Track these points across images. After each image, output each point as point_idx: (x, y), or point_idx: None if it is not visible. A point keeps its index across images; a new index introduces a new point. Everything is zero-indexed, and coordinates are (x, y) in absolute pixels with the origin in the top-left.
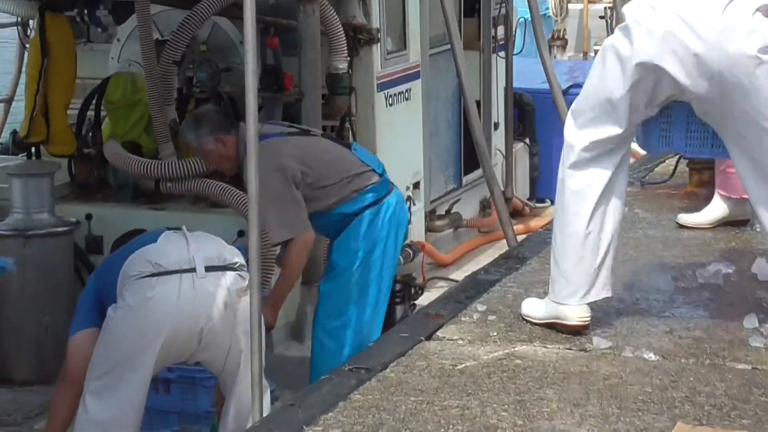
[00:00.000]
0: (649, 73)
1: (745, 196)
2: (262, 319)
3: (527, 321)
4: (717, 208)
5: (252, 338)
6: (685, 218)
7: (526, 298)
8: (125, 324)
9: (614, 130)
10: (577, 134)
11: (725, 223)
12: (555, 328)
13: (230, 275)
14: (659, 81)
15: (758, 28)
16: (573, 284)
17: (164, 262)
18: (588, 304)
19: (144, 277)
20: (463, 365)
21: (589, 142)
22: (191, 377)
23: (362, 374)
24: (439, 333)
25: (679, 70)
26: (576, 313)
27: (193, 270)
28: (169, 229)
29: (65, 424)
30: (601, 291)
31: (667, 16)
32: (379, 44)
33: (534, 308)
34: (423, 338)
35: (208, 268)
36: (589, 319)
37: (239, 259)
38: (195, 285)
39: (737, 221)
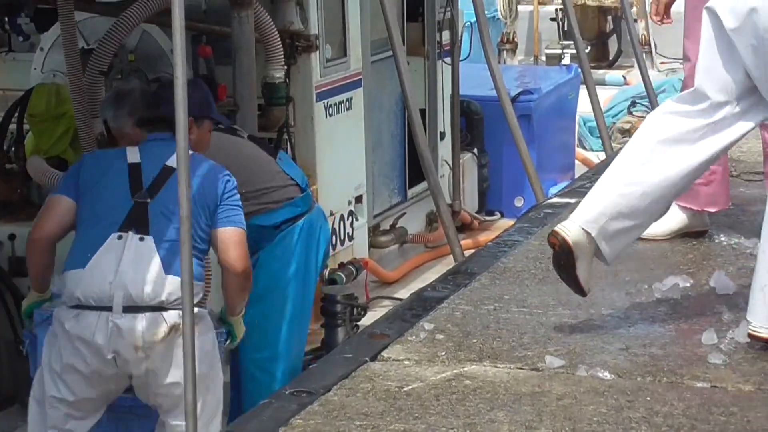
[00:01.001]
0: None
1: (708, 210)
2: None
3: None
4: (674, 219)
5: (185, 369)
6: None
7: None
8: (46, 348)
9: None
10: None
11: (682, 234)
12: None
13: (150, 317)
14: None
15: None
16: None
17: (86, 295)
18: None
19: (69, 306)
20: (410, 387)
21: None
22: (124, 405)
23: (304, 398)
24: (384, 353)
25: None
26: None
27: (110, 309)
28: (120, 230)
29: (44, 275)
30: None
31: None
32: (317, 51)
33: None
34: (367, 359)
35: (126, 309)
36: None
37: (165, 295)
38: (111, 325)
39: (695, 232)
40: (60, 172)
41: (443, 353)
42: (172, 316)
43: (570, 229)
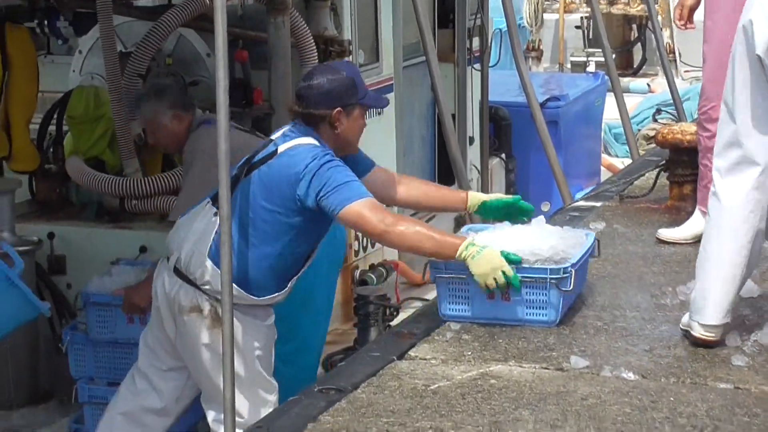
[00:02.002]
0: None
1: None
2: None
3: None
4: (697, 224)
5: (224, 363)
6: (665, 233)
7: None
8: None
9: None
10: None
11: None
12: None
13: (184, 288)
14: None
15: None
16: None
17: (169, 241)
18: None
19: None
20: (437, 385)
21: None
22: None
23: (332, 395)
24: (411, 352)
25: None
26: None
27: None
28: (212, 199)
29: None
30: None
31: None
32: (350, 57)
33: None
34: (395, 358)
35: (175, 270)
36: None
37: (201, 278)
38: (166, 280)
39: None
40: (99, 173)
41: (469, 353)
42: (201, 298)
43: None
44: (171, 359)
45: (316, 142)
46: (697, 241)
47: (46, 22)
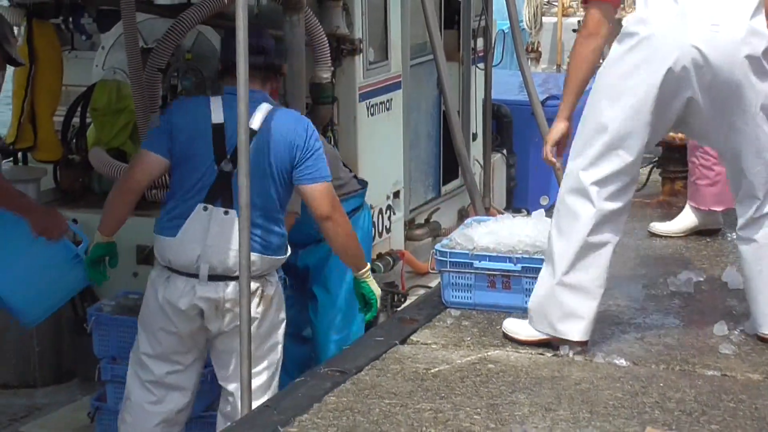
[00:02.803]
0: None
1: (714, 209)
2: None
3: (518, 341)
4: (687, 218)
5: (242, 343)
6: (657, 227)
7: (508, 319)
8: (146, 298)
9: None
10: None
11: (697, 232)
12: (549, 343)
13: (231, 285)
14: None
15: None
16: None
17: (176, 261)
18: None
19: (162, 266)
20: (437, 369)
21: None
22: None
23: (337, 377)
24: (413, 337)
25: None
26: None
27: (196, 276)
28: (205, 201)
29: (118, 222)
30: None
31: None
32: (361, 55)
33: (523, 327)
34: (397, 342)
35: (211, 277)
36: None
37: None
38: (197, 290)
39: (708, 230)
40: (120, 163)
41: (469, 338)
42: (252, 285)
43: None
44: (191, 355)
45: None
46: (686, 234)
47: (70, 18)
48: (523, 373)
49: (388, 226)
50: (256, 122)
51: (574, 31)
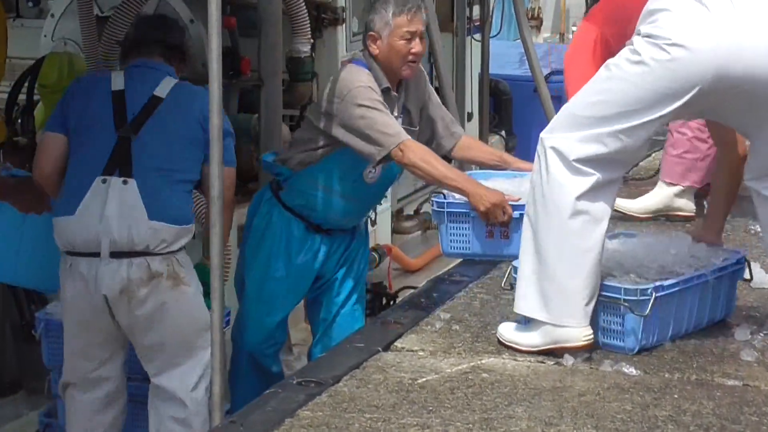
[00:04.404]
0: None
1: (693, 185)
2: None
3: (517, 350)
4: (656, 197)
5: (213, 352)
6: (619, 203)
7: (502, 324)
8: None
9: None
10: None
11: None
12: (553, 353)
13: (134, 262)
14: None
15: None
16: (574, 302)
17: (74, 241)
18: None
19: (63, 251)
20: (424, 379)
21: None
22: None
23: (312, 388)
24: (397, 343)
25: None
26: (580, 333)
27: (97, 255)
28: (104, 174)
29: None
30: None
31: None
32: (344, 25)
33: (522, 336)
34: (380, 349)
35: (113, 254)
36: (592, 335)
37: (150, 241)
38: (99, 270)
39: (678, 216)
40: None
41: (460, 344)
42: (156, 262)
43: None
44: (106, 350)
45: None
46: (651, 216)
47: None
48: (521, 384)
49: (373, 218)
50: (162, 91)
51: None
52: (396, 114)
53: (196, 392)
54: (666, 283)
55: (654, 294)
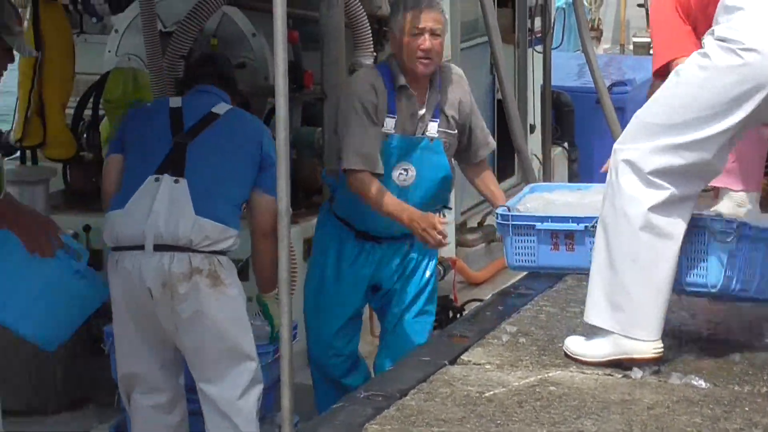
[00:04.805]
0: None
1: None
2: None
3: (584, 362)
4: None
5: (282, 366)
6: None
7: (569, 337)
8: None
9: None
10: None
11: None
12: (621, 365)
13: (177, 256)
14: None
15: None
16: (644, 314)
17: (122, 236)
18: None
19: (111, 248)
20: (491, 392)
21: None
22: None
23: (379, 402)
24: (464, 357)
25: None
26: (649, 345)
27: (142, 248)
28: (157, 173)
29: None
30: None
31: None
32: None
33: (589, 347)
34: (446, 362)
35: (157, 247)
36: (662, 347)
37: (194, 237)
38: (143, 264)
39: None
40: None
41: (527, 357)
42: (198, 259)
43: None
44: (156, 354)
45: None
46: None
47: None
48: (589, 397)
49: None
50: (218, 110)
51: (639, 6)
52: (424, 112)
53: (242, 401)
54: (753, 224)
55: (740, 228)
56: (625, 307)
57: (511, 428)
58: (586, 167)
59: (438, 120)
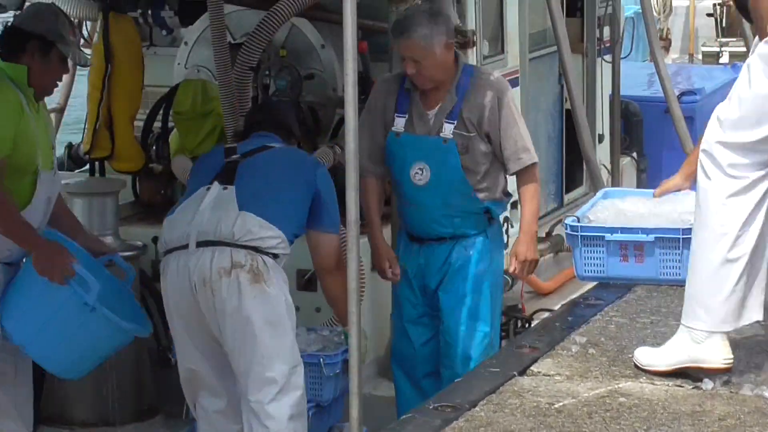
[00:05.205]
0: None
1: None
2: None
3: (654, 372)
4: None
5: (351, 375)
6: None
7: (639, 348)
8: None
9: None
10: None
11: None
12: (691, 377)
13: (219, 251)
14: None
15: None
16: (717, 315)
17: (170, 238)
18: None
19: (162, 252)
20: (561, 403)
21: None
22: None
23: (448, 413)
24: (533, 368)
25: None
26: (720, 355)
27: (186, 247)
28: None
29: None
30: (752, 314)
31: None
32: (474, 48)
33: (659, 356)
34: (516, 373)
35: (200, 243)
36: (732, 359)
37: (236, 230)
38: (187, 261)
39: None
40: None
41: (596, 368)
42: (239, 254)
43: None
44: (209, 357)
45: None
46: None
47: (149, 11)
48: (659, 408)
49: (505, 241)
50: (272, 144)
51: (708, 15)
52: (434, 113)
53: (272, 406)
54: None
55: None
56: (703, 305)
57: None
58: (655, 177)
59: (455, 122)
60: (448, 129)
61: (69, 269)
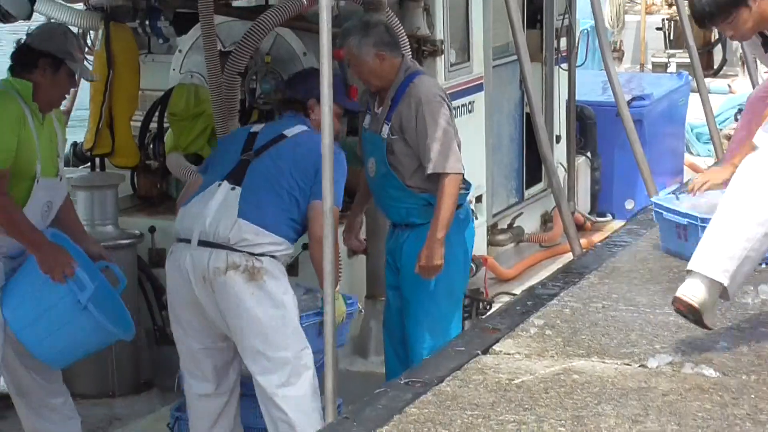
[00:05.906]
0: None
1: None
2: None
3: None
4: None
5: (327, 350)
6: None
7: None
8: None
9: None
10: None
11: None
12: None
13: (215, 252)
14: None
15: None
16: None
17: (180, 228)
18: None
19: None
20: (520, 380)
21: None
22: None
23: (418, 388)
24: (495, 347)
25: None
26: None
27: (189, 241)
28: (225, 178)
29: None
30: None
31: None
32: (442, 56)
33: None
34: (479, 352)
35: (201, 242)
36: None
37: (232, 236)
38: (189, 256)
39: None
40: (198, 168)
41: (552, 348)
42: (235, 256)
43: (695, 293)
44: (207, 339)
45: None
46: None
47: (147, 22)
48: (609, 384)
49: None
50: (289, 132)
51: (657, 29)
52: (380, 113)
53: (286, 389)
54: None
55: None
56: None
57: (537, 412)
58: (608, 175)
59: (390, 124)
60: (385, 129)
61: (69, 269)
